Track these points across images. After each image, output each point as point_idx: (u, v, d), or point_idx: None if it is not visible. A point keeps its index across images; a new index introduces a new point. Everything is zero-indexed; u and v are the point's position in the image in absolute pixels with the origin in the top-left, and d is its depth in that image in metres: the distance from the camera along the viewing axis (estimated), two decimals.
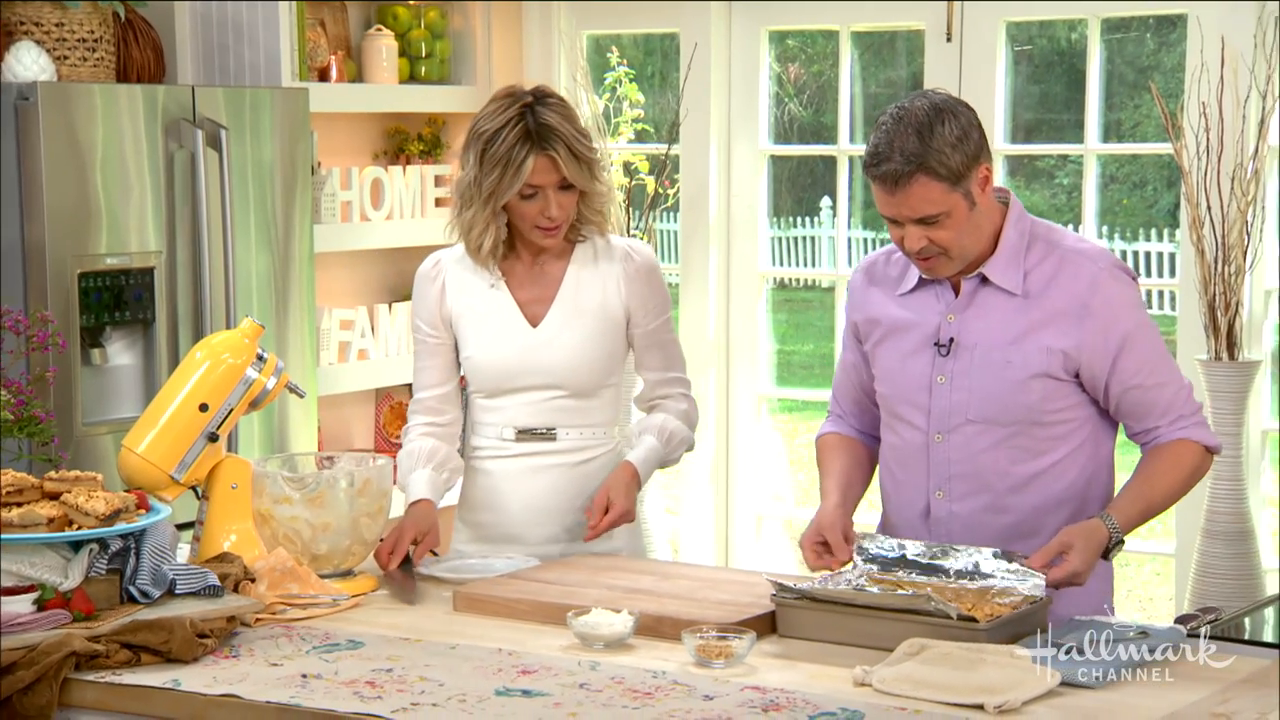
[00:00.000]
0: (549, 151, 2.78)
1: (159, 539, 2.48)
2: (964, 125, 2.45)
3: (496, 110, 2.82)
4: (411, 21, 4.78)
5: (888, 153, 2.44)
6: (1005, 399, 2.53)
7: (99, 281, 3.69)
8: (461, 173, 2.86)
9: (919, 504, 2.61)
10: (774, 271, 5.74)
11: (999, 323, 2.54)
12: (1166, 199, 7.40)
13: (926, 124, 2.43)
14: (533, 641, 2.38)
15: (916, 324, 2.59)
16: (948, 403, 2.56)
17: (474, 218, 2.85)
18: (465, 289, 2.92)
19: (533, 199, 2.81)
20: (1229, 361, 3.93)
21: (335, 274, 4.59)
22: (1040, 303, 2.53)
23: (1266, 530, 4.20)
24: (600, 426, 2.94)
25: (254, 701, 2.14)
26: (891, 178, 2.44)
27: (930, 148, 2.42)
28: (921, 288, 2.60)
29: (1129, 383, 2.54)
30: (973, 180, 2.46)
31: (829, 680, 2.19)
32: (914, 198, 2.44)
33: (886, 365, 2.63)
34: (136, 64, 4.15)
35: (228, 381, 2.72)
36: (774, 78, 4.89)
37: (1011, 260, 2.54)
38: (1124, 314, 2.52)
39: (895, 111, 2.47)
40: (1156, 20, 4.82)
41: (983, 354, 2.54)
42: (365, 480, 2.65)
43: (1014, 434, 2.54)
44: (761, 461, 4.88)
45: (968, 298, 2.56)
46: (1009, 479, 2.55)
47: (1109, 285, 2.52)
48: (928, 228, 2.46)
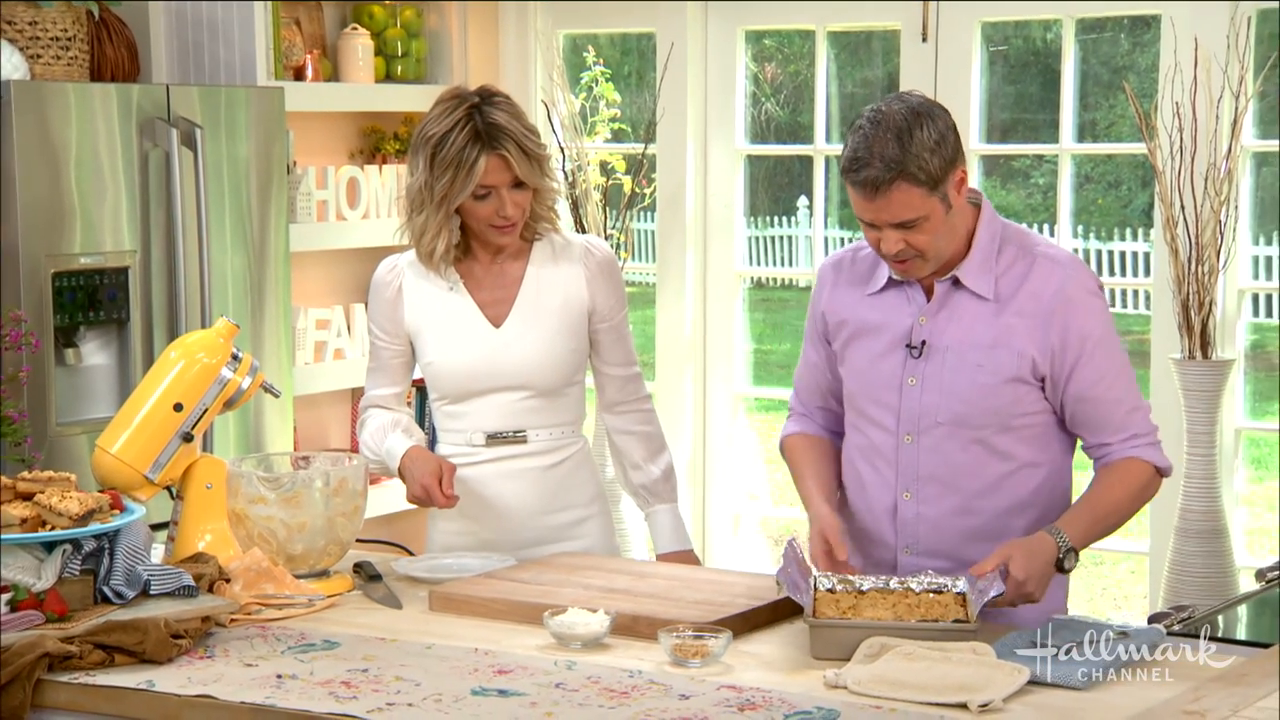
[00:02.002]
0: (500, 151, 2.77)
1: (133, 539, 2.47)
2: (941, 129, 2.45)
3: (443, 113, 2.79)
4: (387, 20, 4.77)
5: (867, 158, 2.42)
6: (977, 402, 2.53)
7: (73, 281, 3.68)
8: (411, 178, 2.84)
9: (886, 504, 2.61)
10: (751, 271, 5.74)
11: (971, 327, 2.54)
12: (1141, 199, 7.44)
13: (905, 128, 2.42)
14: (509, 641, 2.38)
15: (887, 325, 2.59)
16: (918, 405, 2.56)
17: (426, 222, 2.83)
18: (423, 294, 2.90)
19: (486, 199, 2.80)
20: (1202, 360, 3.95)
21: (311, 273, 4.58)
22: (1010, 306, 2.53)
23: (1239, 528, 4.23)
24: (569, 425, 2.94)
25: (229, 702, 2.13)
26: (872, 184, 2.42)
27: (910, 153, 2.41)
28: (891, 287, 2.60)
29: (1085, 393, 2.53)
30: (950, 184, 2.46)
31: (805, 679, 2.19)
32: (894, 204, 2.43)
33: (855, 365, 2.63)
34: (111, 63, 4.13)
35: (202, 381, 2.71)
36: (750, 77, 4.90)
37: (983, 264, 2.54)
38: (1088, 322, 2.52)
39: (872, 115, 2.45)
40: (1131, 21, 4.84)
41: (956, 357, 2.54)
42: (341, 480, 2.64)
43: (983, 437, 2.54)
44: (738, 461, 4.88)
45: (940, 300, 2.56)
46: (977, 482, 2.56)
47: (1076, 293, 2.53)
48: (905, 231, 2.46)
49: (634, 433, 3.00)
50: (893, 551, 2.61)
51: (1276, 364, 7.20)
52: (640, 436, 3.00)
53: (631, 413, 3.00)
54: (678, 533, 2.99)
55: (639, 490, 3.00)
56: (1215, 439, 3.97)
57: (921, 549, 2.57)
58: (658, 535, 2.99)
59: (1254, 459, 6.64)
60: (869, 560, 2.64)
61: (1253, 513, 6.12)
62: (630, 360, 2.99)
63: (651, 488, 2.99)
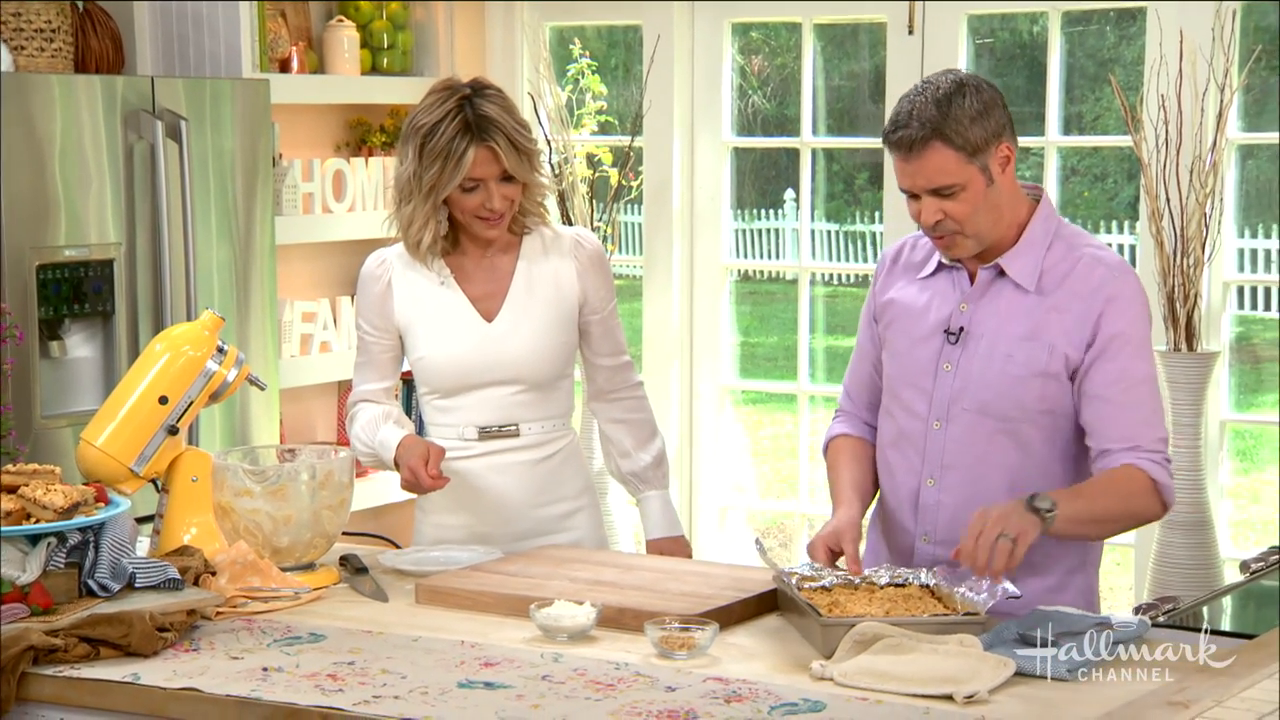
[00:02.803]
0: (489, 143, 2.76)
1: (118, 532, 2.46)
2: (986, 101, 2.46)
3: (434, 103, 2.79)
4: (373, 13, 4.76)
5: (906, 120, 2.45)
6: (1004, 392, 2.52)
7: (58, 273, 3.66)
8: (400, 167, 2.84)
9: (909, 490, 2.60)
10: (737, 264, 5.74)
11: (1008, 316, 2.53)
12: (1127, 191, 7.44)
13: (946, 96, 2.45)
14: (495, 634, 2.37)
15: (931, 308, 2.59)
16: (949, 391, 2.55)
17: (413, 212, 2.82)
18: (413, 289, 2.89)
19: (473, 191, 2.80)
20: (1188, 353, 3.96)
21: (297, 266, 4.57)
22: (1049, 300, 2.52)
23: (1224, 520, 4.24)
24: (560, 418, 2.94)
25: (214, 695, 2.13)
26: (906, 143, 2.44)
27: (948, 116, 2.43)
28: (940, 273, 2.60)
29: (1100, 391, 2.49)
30: (991, 156, 2.46)
31: (791, 671, 2.19)
32: (929, 165, 2.44)
33: (896, 348, 2.62)
34: (95, 54, 4.12)
35: (188, 374, 2.70)
36: (737, 70, 4.89)
37: (1030, 255, 2.53)
38: (1121, 322, 2.49)
39: (919, 84, 2.50)
40: (1117, 14, 4.84)
41: (988, 345, 2.53)
42: (327, 473, 2.63)
43: (1008, 428, 2.53)
44: (725, 453, 4.89)
45: (982, 287, 2.55)
46: (999, 473, 2.54)
47: (1117, 292, 2.50)
48: (942, 200, 2.46)
49: (624, 420, 3.00)
50: (911, 538, 2.60)
51: (1261, 356, 7.22)
52: (630, 424, 3.00)
53: (622, 400, 3.00)
54: (668, 519, 3.00)
55: (628, 478, 3.01)
56: (1200, 431, 3.98)
57: (939, 538, 2.56)
58: (648, 521, 3.00)
59: (1239, 451, 6.66)
60: (891, 547, 2.64)
61: (1237, 505, 6.14)
62: (620, 350, 2.99)
63: (642, 474, 2.99)
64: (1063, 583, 2.57)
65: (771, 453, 7.14)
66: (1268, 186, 6.29)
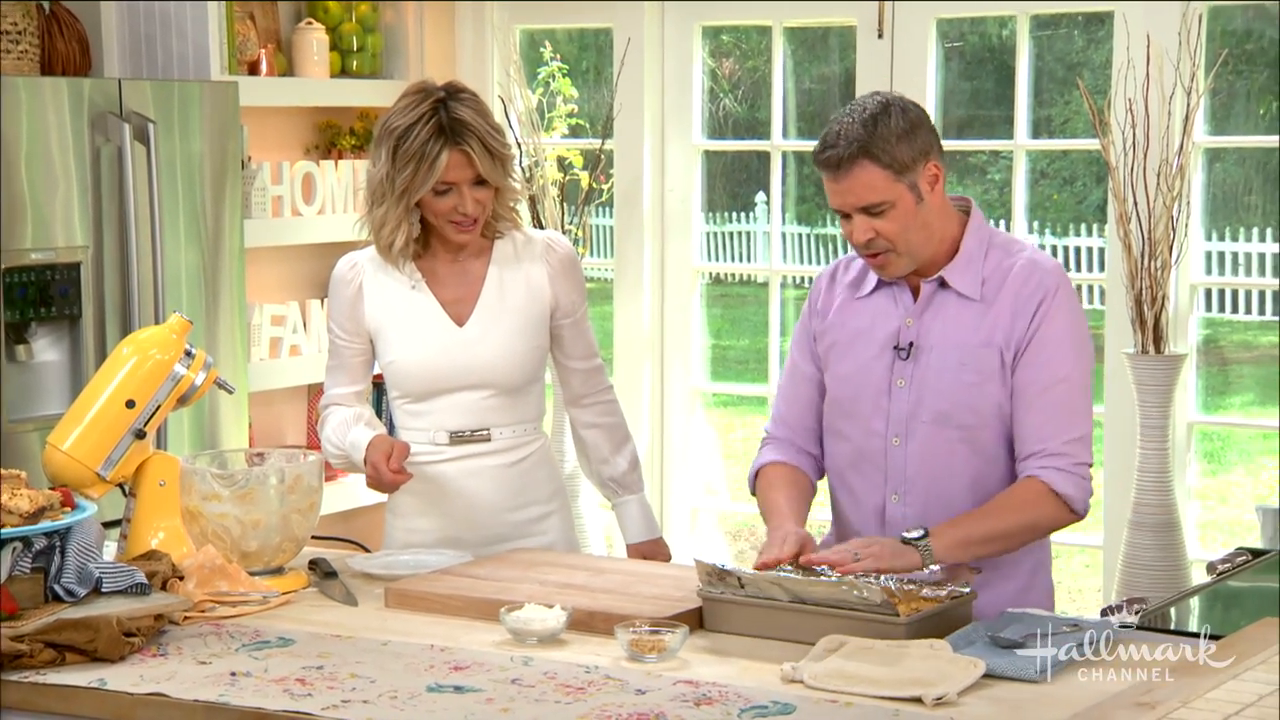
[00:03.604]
0: (463, 147, 2.76)
1: (85, 537, 2.44)
2: (912, 120, 2.50)
3: (408, 106, 2.78)
4: (343, 15, 4.74)
5: (834, 140, 2.49)
6: (959, 401, 2.54)
7: (24, 277, 3.64)
8: (373, 169, 2.83)
9: (874, 508, 2.61)
10: (708, 266, 5.76)
11: (957, 325, 2.55)
12: (1096, 195, 7.48)
13: (872, 116, 2.49)
14: (465, 637, 2.37)
15: (875, 328, 2.60)
16: (906, 405, 2.57)
17: (385, 215, 2.82)
18: (385, 292, 2.88)
19: (446, 195, 2.79)
20: (1155, 355, 3.98)
21: (266, 269, 4.55)
22: (993, 307, 2.55)
23: (1192, 522, 4.26)
24: (531, 422, 2.93)
25: (182, 700, 2.12)
26: (835, 162, 2.48)
27: (875, 135, 2.47)
28: (880, 291, 2.61)
29: (1020, 391, 2.51)
30: (919, 175, 2.49)
31: (761, 674, 2.19)
32: (857, 183, 2.47)
33: (843, 369, 2.63)
34: (61, 56, 4.10)
35: (155, 377, 2.69)
36: (708, 73, 4.90)
37: (971, 267, 2.56)
38: (1051, 323, 2.52)
39: (847, 106, 2.54)
40: (1085, 18, 4.87)
41: (940, 356, 2.55)
42: (296, 476, 2.62)
43: (967, 436, 2.55)
44: (696, 456, 4.89)
45: (926, 300, 2.57)
46: (962, 481, 2.56)
47: (1050, 292, 2.53)
48: (873, 218, 2.48)
49: (599, 425, 3.00)
50: None
51: (1228, 359, 7.27)
52: (605, 429, 3.00)
53: (595, 404, 3.01)
54: (647, 522, 3.01)
55: (606, 483, 3.02)
56: (1168, 433, 4.01)
57: None
58: (627, 526, 3.01)
59: (1206, 453, 6.70)
60: None
61: (1205, 506, 6.18)
62: (592, 353, 2.99)
63: (619, 480, 3.01)
64: (1029, 584, 2.60)
65: (743, 455, 7.15)
66: (1234, 190, 6.34)
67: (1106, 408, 4.18)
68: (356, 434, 2.84)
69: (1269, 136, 4.37)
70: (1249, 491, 6.63)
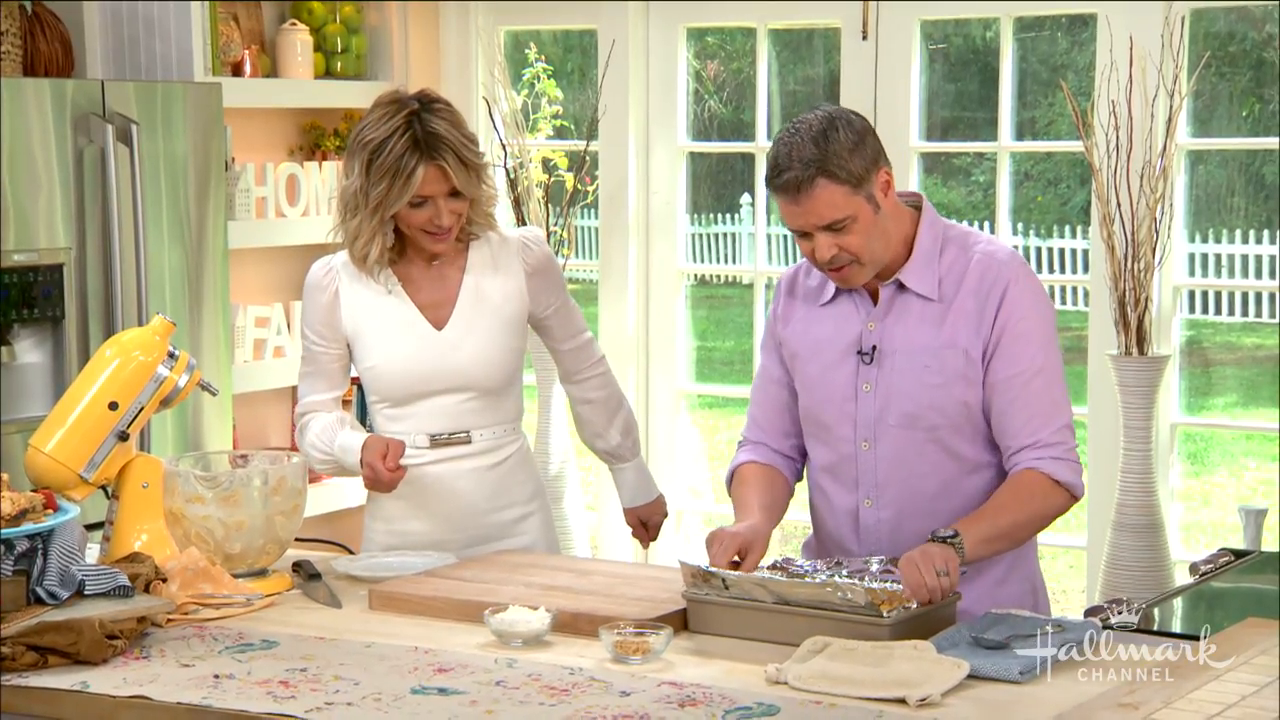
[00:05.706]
0: (439, 161, 2.74)
1: (67, 539, 2.44)
2: (859, 131, 2.49)
3: (382, 118, 2.76)
4: (327, 16, 4.74)
5: (787, 163, 2.46)
6: (926, 402, 2.54)
7: (7, 279, 3.63)
8: (346, 181, 2.82)
9: (847, 513, 2.62)
10: (693, 268, 5.75)
11: (918, 327, 2.56)
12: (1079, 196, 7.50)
13: (821, 132, 2.47)
14: (449, 639, 2.37)
15: (838, 335, 2.61)
16: (873, 410, 2.57)
17: (360, 227, 2.80)
18: (361, 298, 2.87)
19: (422, 207, 2.78)
20: (1139, 356, 3.99)
21: (250, 271, 4.54)
22: (953, 305, 2.55)
23: (1175, 523, 4.28)
24: (511, 423, 2.94)
25: (165, 703, 2.11)
26: (793, 185, 2.46)
27: (828, 152, 2.45)
28: (841, 297, 2.62)
29: (999, 385, 2.51)
30: (874, 184, 2.49)
31: (745, 675, 2.19)
32: (819, 203, 2.46)
33: (811, 378, 2.63)
34: (44, 58, 4.08)
35: (138, 379, 2.68)
36: (692, 74, 4.90)
37: (926, 265, 2.56)
38: (1017, 315, 2.52)
39: (790, 126, 2.51)
40: (1068, 20, 4.88)
41: (904, 359, 2.55)
42: (280, 478, 2.62)
43: (936, 438, 2.55)
44: (681, 457, 4.89)
45: (886, 304, 2.58)
46: (933, 483, 2.56)
47: (1012, 282, 2.54)
48: (836, 235, 2.48)
49: (591, 400, 3.05)
50: (858, 560, 2.60)
51: (1211, 360, 7.29)
52: (597, 404, 3.05)
53: (588, 379, 3.05)
54: (642, 487, 3.08)
55: (603, 454, 3.10)
56: (1151, 434, 4.02)
57: (884, 554, 2.55)
58: (622, 492, 3.09)
59: (1189, 454, 6.73)
60: None
61: (1188, 507, 6.20)
62: (579, 330, 3.04)
63: (613, 451, 3.08)
64: (1006, 575, 2.61)
65: (727, 456, 7.14)
66: (1217, 192, 6.36)
67: (1090, 409, 4.19)
68: (345, 437, 2.84)
69: (1251, 139, 4.40)
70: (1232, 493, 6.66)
